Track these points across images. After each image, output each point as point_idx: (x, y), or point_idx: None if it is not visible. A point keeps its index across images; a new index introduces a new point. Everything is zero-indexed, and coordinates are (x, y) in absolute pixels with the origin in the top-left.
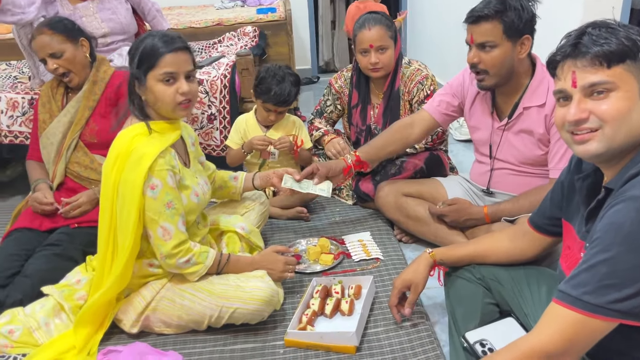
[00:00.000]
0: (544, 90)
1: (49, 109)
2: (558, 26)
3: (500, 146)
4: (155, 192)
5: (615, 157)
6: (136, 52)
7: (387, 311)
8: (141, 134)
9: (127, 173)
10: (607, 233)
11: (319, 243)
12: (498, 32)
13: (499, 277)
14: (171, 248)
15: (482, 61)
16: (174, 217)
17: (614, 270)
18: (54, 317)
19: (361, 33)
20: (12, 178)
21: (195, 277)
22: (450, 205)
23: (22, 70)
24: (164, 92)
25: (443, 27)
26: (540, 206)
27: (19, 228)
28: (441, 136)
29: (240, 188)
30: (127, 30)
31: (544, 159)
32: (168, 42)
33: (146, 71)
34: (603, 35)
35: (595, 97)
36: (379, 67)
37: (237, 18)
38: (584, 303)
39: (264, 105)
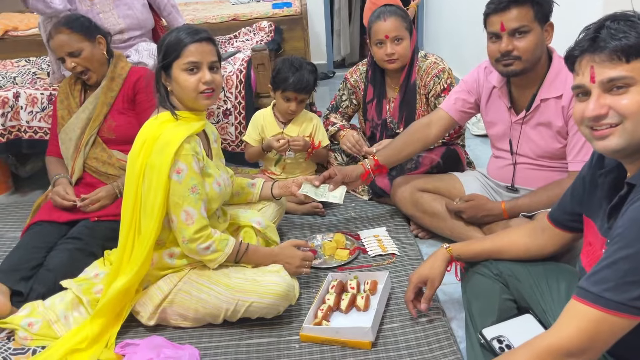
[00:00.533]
0: (562, 81)
1: (67, 105)
2: (578, 19)
3: (519, 141)
4: (180, 176)
5: (637, 152)
6: (163, 44)
7: (403, 307)
8: (168, 120)
9: (154, 157)
10: (629, 229)
11: (334, 238)
12: (530, 16)
13: (517, 273)
14: (193, 232)
15: (516, 48)
16: (197, 202)
17: (636, 266)
18: (73, 310)
19: (376, 24)
20: (31, 173)
21: (214, 265)
22: (468, 202)
23: (41, 66)
24: (187, 80)
25: (459, 20)
26: (560, 201)
27: (38, 221)
28: (458, 131)
29: (258, 195)
30: (144, 26)
31: (563, 152)
32: (192, 33)
33: (172, 61)
34: (622, 29)
35: (614, 92)
36: (395, 58)
37: (253, 13)
38: (605, 300)
39: (283, 95)
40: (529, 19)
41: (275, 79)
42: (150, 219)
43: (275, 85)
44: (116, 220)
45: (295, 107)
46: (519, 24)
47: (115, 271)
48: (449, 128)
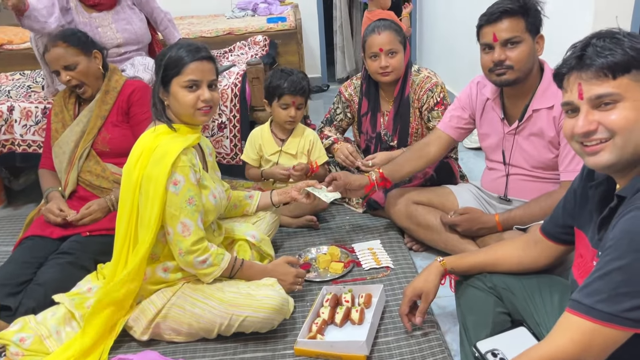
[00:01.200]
0: (553, 92)
1: (62, 119)
2: (568, 34)
3: (512, 151)
4: (177, 187)
5: (627, 166)
6: (163, 59)
7: (398, 320)
8: (165, 132)
9: (151, 168)
10: (620, 241)
11: (329, 251)
12: (521, 27)
13: (511, 285)
14: (190, 244)
15: (508, 58)
16: (194, 214)
17: (628, 278)
18: (65, 325)
19: (371, 38)
20: (24, 186)
21: (209, 279)
22: (462, 215)
23: (35, 79)
24: (186, 97)
25: (453, 34)
26: (552, 214)
27: (30, 236)
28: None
29: (255, 206)
30: (141, 41)
31: (556, 163)
32: (194, 51)
33: (171, 77)
34: (607, 47)
35: (602, 108)
36: (389, 71)
37: (248, 27)
38: (597, 312)
39: (280, 103)
40: (521, 30)
41: (268, 89)
42: (147, 230)
43: (270, 97)
44: (108, 235)
45: (295, 113)
46: (510, 34)
47: (109, 282)
48: (449, 146)
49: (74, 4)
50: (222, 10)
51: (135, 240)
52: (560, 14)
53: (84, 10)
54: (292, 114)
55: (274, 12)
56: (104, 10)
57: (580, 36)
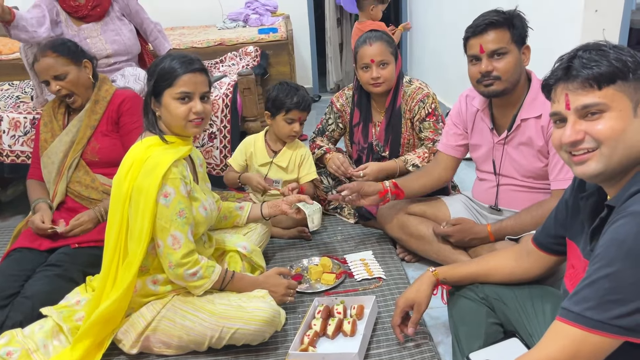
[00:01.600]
0: (541, 102)
1: (51, 129)
2: (556, 47)
3: (502, 161)
4: (168, 200)
5: (615, 176)
6: (155, 70)
7: (390, 331)
8: (155, 144)
9: (141, 180)
10: (609, 248)
11: (320, 262)
12: (507, 39)
13: (503, 296)
14: (180, 257)
15: (495, 68)
16: (184, 227)
17: (617, 285)
18: (53, 338)
19: (362, 49)
20: (12, 197)
21: (199, 292)
22: (455, 225)
23: (24, 90)
24: (178, 109)
25: (443, 45)
26: (544, 225)
27: (18, 248)
28: None
29: (245, 218)
30: (131, 51)
31: (546, 172)
32: (186, 63)
33: (164, 89)
34: (593, 58)
35: (589, 118)
36: (381, 82)
37: (239, 38)
38: (586, 319)
39: (286, 117)
40: (506, 41)
41: (275, 103)
42: (137, 243)
43: (275, 110)
44: (97, 247)
45: (299, 128)
46: (496, 46)
47: (98, 297)
48: (455, 166)
49: (64, 17)
50: (213, 21)
51: (125, 252)
52: (549, 26)
53: (73, 23)
54: (297, 128)
55: (266, 23)
56: (92, 22)
57: (568, 48)
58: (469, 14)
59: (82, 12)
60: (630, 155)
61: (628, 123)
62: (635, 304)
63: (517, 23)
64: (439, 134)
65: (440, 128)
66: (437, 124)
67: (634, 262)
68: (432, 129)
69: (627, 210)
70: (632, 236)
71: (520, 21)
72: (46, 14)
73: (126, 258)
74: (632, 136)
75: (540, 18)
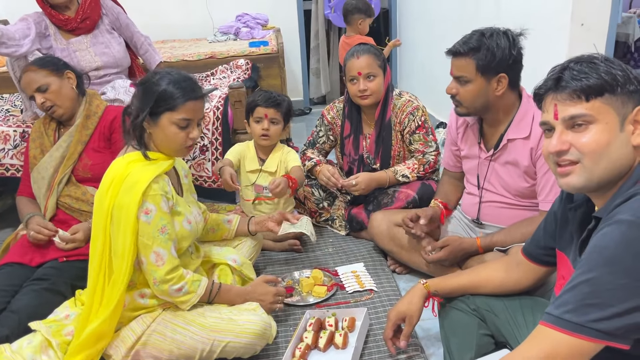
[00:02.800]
0: (528, 122)
1: (41, 144)
2: (542, 61)
3: (487, 177)
4: (149, 217)
5: (600, 189)
6: (154, 90)
7: (382, 344)
8: (136, 160)
9: (121, 197)
10: (591, 255)
11: (312, 275)
12: (471, 69)
13: (494, 307)
14: (165, 273)
15: (459, 93)
16: (167, 243)
17: (596, 290)
18: (41, 353)
19: (350, 62)
20: (1, 211)
21: (186, 306)
22: (443, 248)
23: (14, 103)
24: (176, 135)
25: (432, 58)
26: (533, 236)
27: (9, 263)
28: (433, 166)
29: (234, 231)
30: (120, 64)
31: (531, 191)
32: (190, 90)
33: (163, 111)
34: (584, 70)
35: (576, 129)
36: (368, 95)
37: (230, 51)
38: (564, 322)
39: (254, 117)
40: (470, 71)
41: (246, 108)
42: (121, 260)
43: (247, 114)
44: (85, 260)
45: (268, 126)
46: (460, 73)
47: (86, 315)
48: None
49: (53, 30)
50: (204, 34)
51: (110, 269)
52: (536, 40)
53: (62, 36)
54: (265, 126)
55: (256, 36)
56: (82, 35)
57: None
58: (458, 28)
59: (72, 25)
60: (613, 169)
61: (613, 137)
62: (614, 309)
63: (484, 55)
64: (429, 146)
65: (430, 140)
66: (426, 137)
67: (614, 269)
68: (422, 141)
69: (612, 219)
70: (614, 243)
71: (490, 53)
72: (32, 27)
73: (112, 275)
74: (616, 150)
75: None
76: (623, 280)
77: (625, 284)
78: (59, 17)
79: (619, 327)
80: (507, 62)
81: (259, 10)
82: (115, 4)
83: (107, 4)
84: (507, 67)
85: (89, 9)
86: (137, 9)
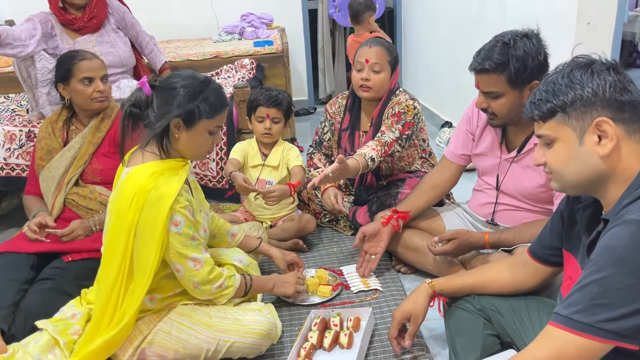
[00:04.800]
0: None
1: (47, 144)
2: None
3: (506, 178)
4: (179, 228)
5: (588, 191)
6: (197, 96)
7: (387, 343)
8: (158, 171)
9: (147, 212)
10: (600, 255)
11: (317, 274)
12: (502, 83)
13: (499, 307)
14: (206, 274)
15: (490, 106)
16: (199, 247)
17: (605, 290)
18: (48, 352)
19: (362, 49)
20: (7, 210)
21: (224, 300)
22: (451, 241)
23: (20, 103)
24: (207, 141)
25: (437, 58)
26: (539, 236)
27: (4, 252)
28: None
29: (236, 244)
30: (126, 64)
31: (546, 197)
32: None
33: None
34: (541, 96)
35: (548, 146)
36: (369, 86)
37: (235, 51)
38: (573, 322)
39: (256, 116)
40: (501, 85)
41: (248, 107)
42: (144, 273)
43: (249, 113)
44: (90, 258)
45: (270, 125)
46: (489, 89)
47: (97, 325)
48: (460, 174)
49: (59, 30)
50: (209, 34)
51: (127, 282)
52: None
53: (69, 36)
54: (267, 125)
55: (261, 35)
56: (87, 34)
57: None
58: (462, 27)
59: (78, 24)
60: (582, 178)
61: (572, 151)
62: (623, 310)
63: (514, 67)
64: (392, 131)
65: (396, 128)
66: (395, 124)
67: (623, 269)
68: (387, 124)
69: (621, 218)
70: (623, 243)
71: (521, 63)
72: (38, 27)
73: (129, 287)
74: (578, 163)
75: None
76: (632, 280)
77: (634, 284)
78: (67, 17)
79: (628, 327)
80: (538, 68)
81: (264, 10)
82: (121, 3)
83: (113, 4)
84: (538, 72)
85: (96, 8)
86: (142, 9)
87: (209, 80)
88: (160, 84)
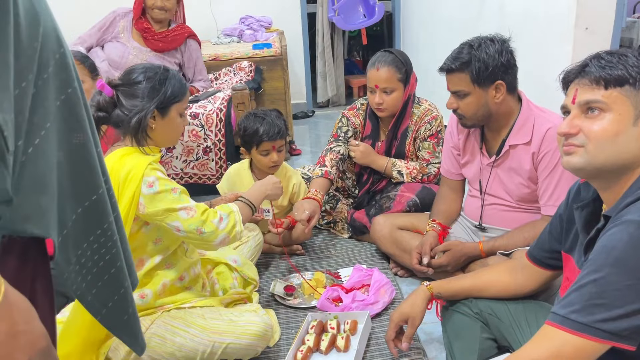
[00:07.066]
0: (529, 128)
1: None
2: (546, 65)
3: (490, 182)
4: (154, 187)
5: (600, 177)
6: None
7: (384, 347)
8: (126, 154)
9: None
10: (599, 255)
11: (314, 277)
12: (467, 82)
13: (497, 311)
14: (200, 215)
15: (459, 107)
16: (184, 197)
17: (603, 290)
18: None
19: (370, 72)
20: None
21: (240, 228)
22: (445, 253)
23: None
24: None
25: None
26: (538, 239)
27: None
28: (432, 179)
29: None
30: None
31: (533, 196)
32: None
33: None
34: (611, 61)
35: (589, 114)
36: (383, 108)
37: (234, 53)
38: (571, 321)
39: (260, 151)
40: (466, 84)
41: (244, 137)
42: None
43: (247, 145)
44: None
45: (277, 157)
46: (456, 88)
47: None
48: (463, 186)
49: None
50: (207, 36)
51: None
52: (540, 45)
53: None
54: (275, 158)
55: (260, 38)
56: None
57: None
58: (461, 32)
59: (149, 34)
60: (616, 160)
61: (623, 129)
62: (620, 310)
63: (476, 67)
64: (436, 157)
65: (438, 151)
66: (436, 147)
67: (621, 269)
68: (430, 150)
69: (621, 219)
70: (622, 244)
71: (482, 64)
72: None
73: None
74: (623, 143)
75: (530, 36)
76: (630, 281)
77: (632, 285)
78: (142, 24)
79: (625, 328)
80: (500, 69)
81: (263, 13)
82: (199, 52)
83: (192, 47)
84: (502, 73)
85: (171, 38)
86: None
87: (165, 67)
88: (121, 81)
